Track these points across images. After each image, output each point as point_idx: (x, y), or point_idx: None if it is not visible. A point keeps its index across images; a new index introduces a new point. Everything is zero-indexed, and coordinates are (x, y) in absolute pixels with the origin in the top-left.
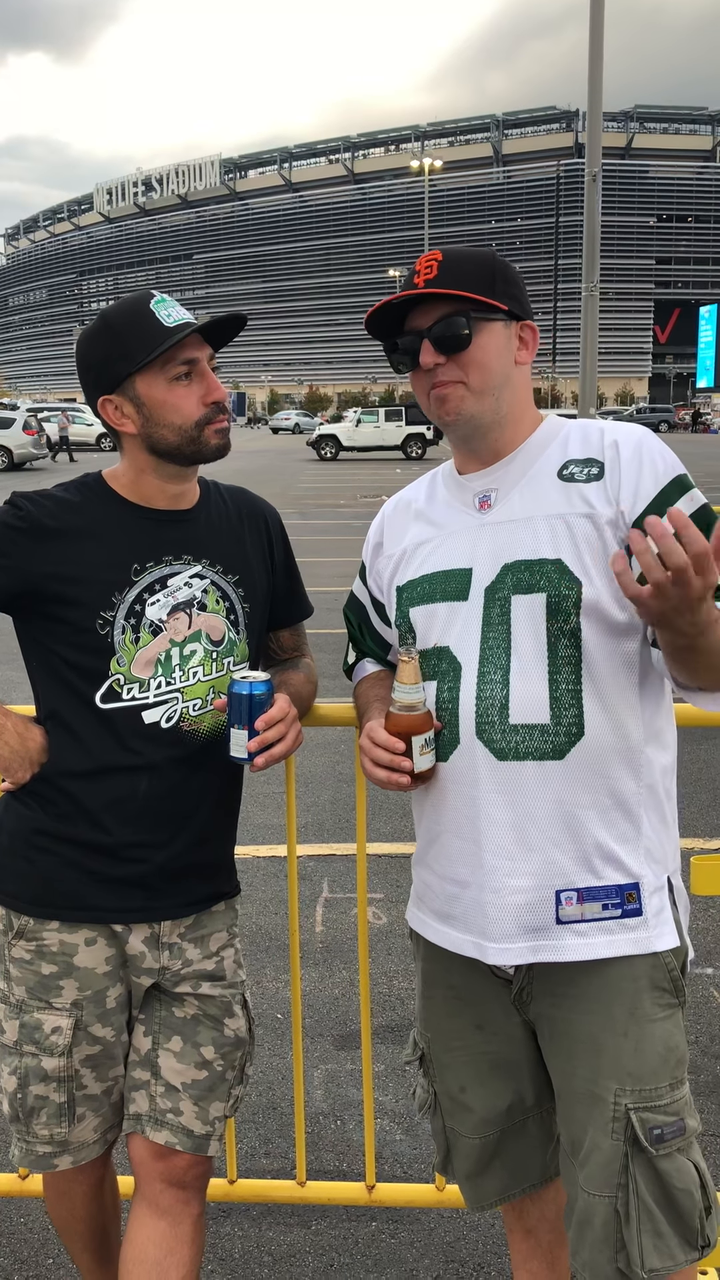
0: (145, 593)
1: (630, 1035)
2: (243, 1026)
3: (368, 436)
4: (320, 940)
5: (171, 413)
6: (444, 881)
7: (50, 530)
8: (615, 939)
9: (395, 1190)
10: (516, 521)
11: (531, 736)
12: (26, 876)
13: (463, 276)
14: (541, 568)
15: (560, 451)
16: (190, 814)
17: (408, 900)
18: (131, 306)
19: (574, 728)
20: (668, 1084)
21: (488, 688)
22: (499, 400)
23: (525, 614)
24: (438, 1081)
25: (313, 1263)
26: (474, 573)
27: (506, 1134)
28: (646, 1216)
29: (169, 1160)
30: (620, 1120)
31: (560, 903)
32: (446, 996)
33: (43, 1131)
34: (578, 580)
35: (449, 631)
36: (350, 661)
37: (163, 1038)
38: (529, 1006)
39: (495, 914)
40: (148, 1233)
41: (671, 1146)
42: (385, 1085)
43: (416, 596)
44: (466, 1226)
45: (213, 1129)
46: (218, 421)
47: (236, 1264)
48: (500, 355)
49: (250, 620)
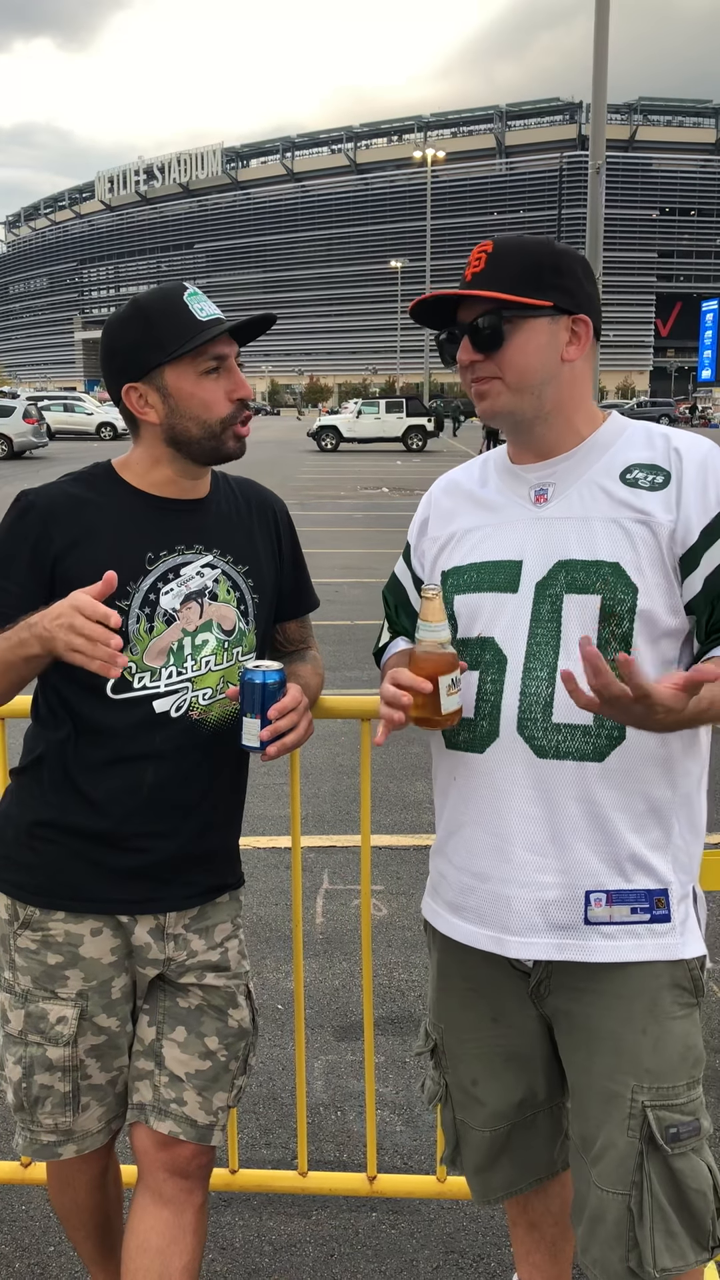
0: (159, 581)
1: (650, 1033)
2: (246, 1017)
3: (368, 428)
4: (321, 931)
5: (199, 406)
6: (461, 873)
7: (63, 524)
8: (643, 943)
9: (396, 1181)
10: (574, 519)
11: (573, 736)
12: (32, 866)
13: (507, 272)
14: (598, 570)
15: (624, 454)
16: (196, 804)
17: (408, 892)
18: (165, 296)
19: (616, 731)
20: (685, 1083)
21: (533, 684)
22: (540, 397)
23: (577, 614)
24: (449, 1073)
25: (313, 1253)
26: (524, 566)
27: (516, 1128)
28: (660, 1216)
29: (172, 1150)
30: (637, 1118)
31: (589, 903)
32: (462, 988)
33: (47, 1120)
34: (634, 586)
35: (495, 623)
36: (382, 643)
37: (167, 1028)
38: (546, 1000)
39: (521, 908)
40: (150, 1221)
41: (686, 1146)
42: (386, 1076)
43: (463, 584)
44: (467, 1218)
45: (216, 1119)
46: (241, 424)
47: (237, 1253)
48: (541, 352)
49: (259, 611)
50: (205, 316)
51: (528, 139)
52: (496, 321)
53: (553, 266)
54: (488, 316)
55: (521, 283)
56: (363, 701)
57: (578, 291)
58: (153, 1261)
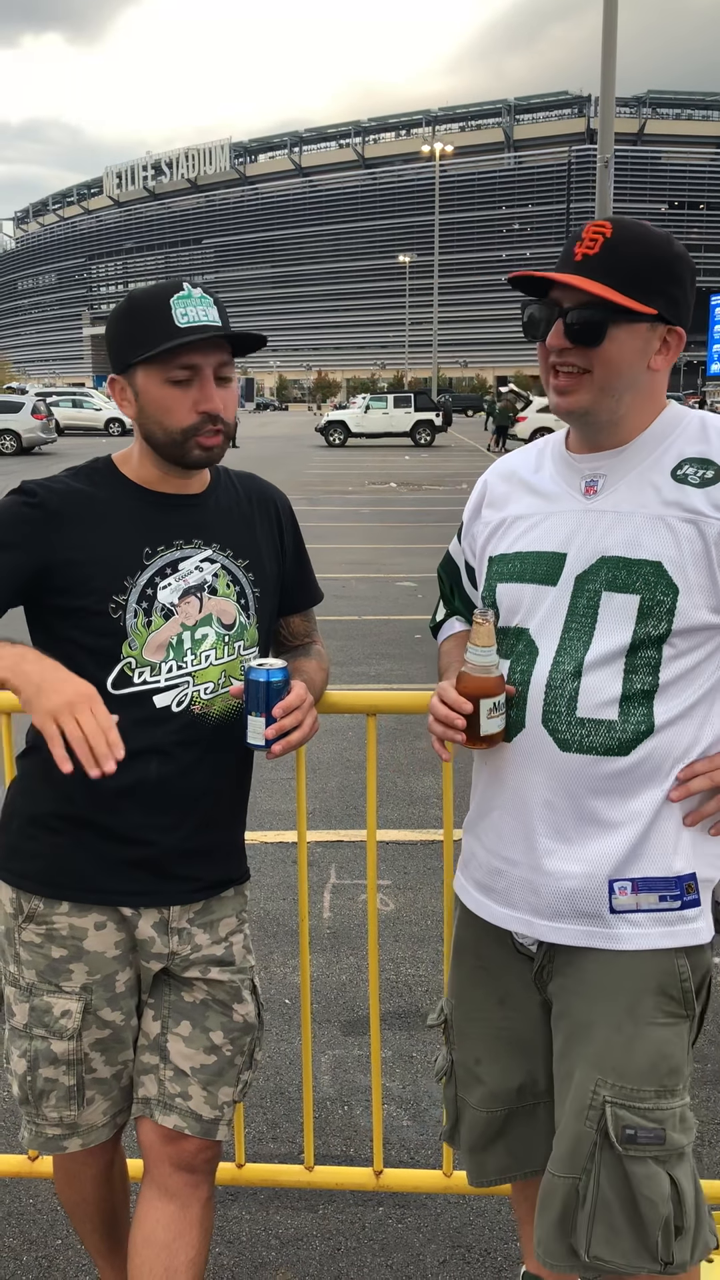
0: (157, 576)
1: (624, 1031)
2: (251, 1012)
3: (376, 423)
4: (328, 926)
5: (161, 413)
6: (490, 855)
7: (62, 516)
8: (675, 929)
9: (402, 1176)
10: (620, 514)
11: (597, 731)
12: (37, 857)
13: (622, 265)
14: (639, 568)
15: (677, 447)
16: (199, 798)
17: (415, 887)
18: (155, 295)
19: (642, 727)
20: (653, 1090)
21: (559, 677)
22: (619, 401)
23: (614, 612)
24: (456, 1050)
25: (320, 1247)
26: (567, 559)
27: (514, 1115)
28: (604, 1208)
29: (178, 1144)
30: (596, 1110)
31: (614, 892)
32: (473, 966)
33: (52, 1114)
34: (675, 587)
35: (532, 614)
36: (438, 619)
37: (172, 1022)
38: (548, 985)
39: (548, 895)
40: (156, 1215)
41: (645, 1152)
42: (393, 1071)
43: (506, 573)
44: (473, 1212)
45: (221, 1113)
46: (206, 435)
47: (244, 1247)
48: (634, 358)
49: (260, 604)
50: (186, 322)
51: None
52: (600, 319)
53: (668, 271)
54: (590, 310)
55: (634, 282)
56: (370, 696)
57: (682, 302)
58: (158, 1255)
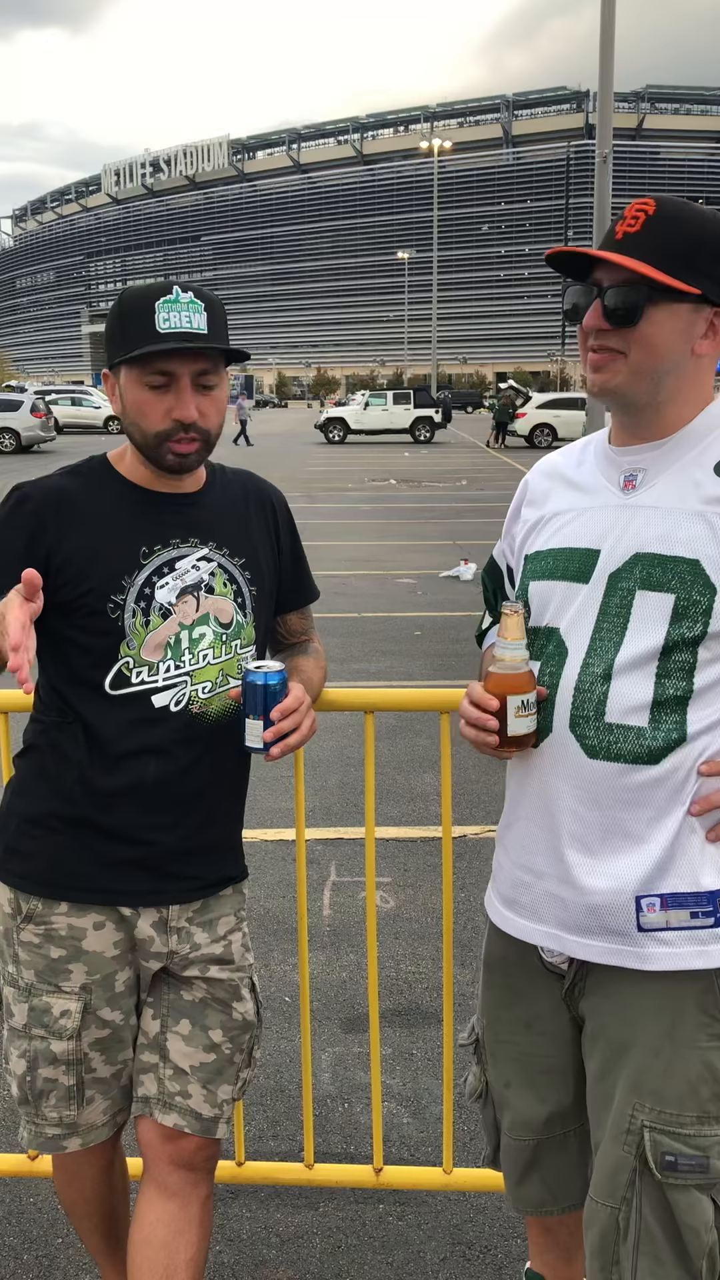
0: (154, 575)
1: (662, 1056)
2: (250, 1010)
3: (375, 419)
4: (328, 924)
5: (138, 415)
6: (516, 868)
7: (57, 516)
8: (708, 949)
9: (402, 1173)
10: (659, 510)
11: (626, 738)
12: (35, 857)
13: (663, 243)
14: (676, 566)
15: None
16: (198, 797)
17: (415, 884)
18: (142, 296)
19: (674, 734)
20: (694, 1115)
21: (588, 680)
22: (658, 385)
23: (648, 612)
24: (489, 1071)
25: (320, 1244)
26: (601, 555)
27: (544, 1145)
28: (647, 1237)
29: (177, 1143)
30: (635, 1135)
31: (641, 909)
32: (501, 986)
33: (52, 1114)
34: (713, 586)
35: (562, 613)
36: (483, 627)
37: (171, 1021)
38: (579, 1002)
39: (574, 909)
40: (156, 1214)
41: (687, 1180)
42: (393, 1069)
43: (540, 570)
44: (474, 1210)
45: (221, 1111)
46: (178, 441)
47: (244, 1245)
48: (674, 340)
49: (257, 603)
50: (167, 328)
51: (535, 128)
52: (637, 298)
53: (714, 251)
54: (628, 290)
55: (676, 260)
56: (368, 694)
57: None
58: (158, 1254)
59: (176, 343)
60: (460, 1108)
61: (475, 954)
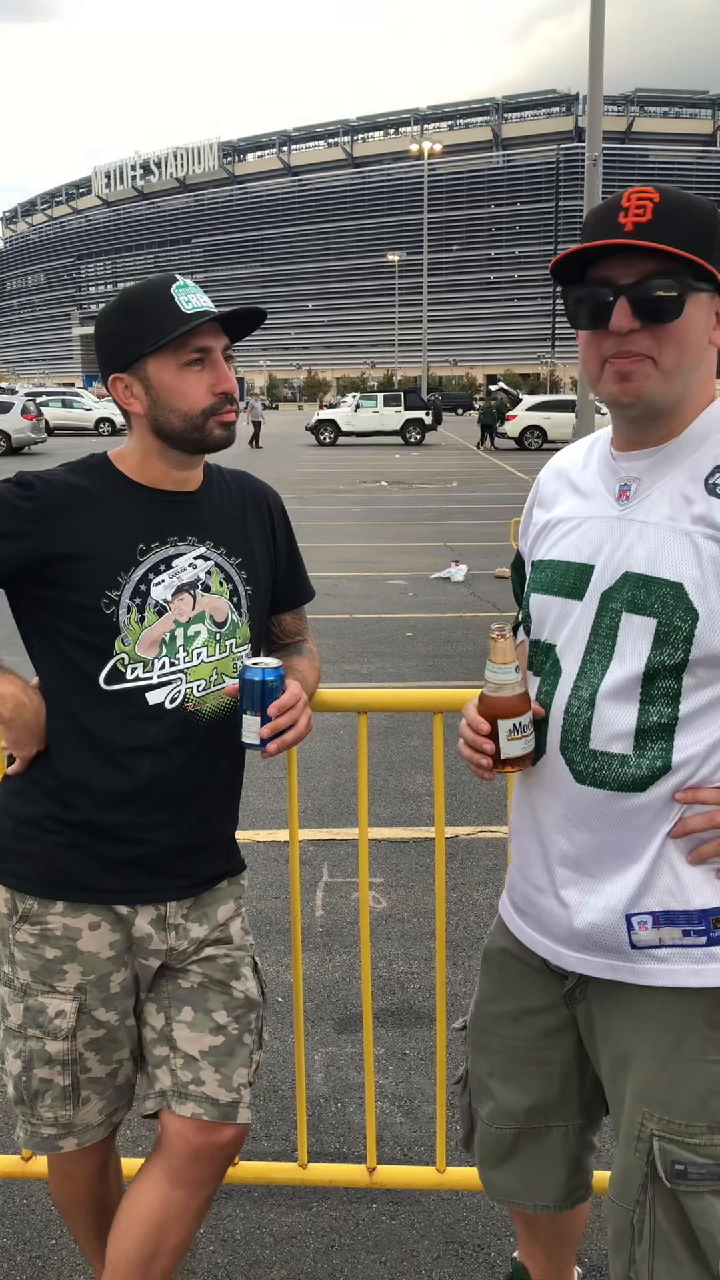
0: (150, 573)
1: (669, 1068)
2: (253, 988)
3: (366, 421)
4: (320, 924)
5: (179, 398)
6: (523, 880)
7: (57, 509)
8: (702, 969)
9: (396, 1172)
10: (649, 525)
11: (610, 765)
12: (31, 857)
13: (682, 229)
14: (659, 589)
15: (715, 451)
16: (193, 795)
17: (407, 885)
18: (152, 288)
19: (659, 761)
20: (705, 1126)
21: (576, 704)
22: (686, 385)
23: (633, 636)
24: (471, 1059)
25: (314, 1244)
26: (595, 572)
27: (524, 1135)
28: (662, 1241)
29: (201, 1133)
30: (645, 1143)
31: (633, 927)
32: (495, 979)
33: (47, 1114)
34: (695, 612)
35: (558, 630)
36: (519, 619)
37: (174, 1010)
38: (578, 1003)
39: (569, 926)
40: (158, 1198)
41: (701, 1187)
42: (386, 1068)
43: (539, 583)
44: (466, 1209)
45: (238, 1096)
46: (224, 413)
47: (238, 1244)
48: (702, 333)
49: (253, 602)
50: (191, 309)
51: (524, 131)
52: (680, 288)
53: (716, 235)
54: (668, 280)
55: (699, 246)
56: (361, 695)
57: None
58: (150, 1235)
59: (208, 318)
60: (453, 1107)
61: (468, 954)
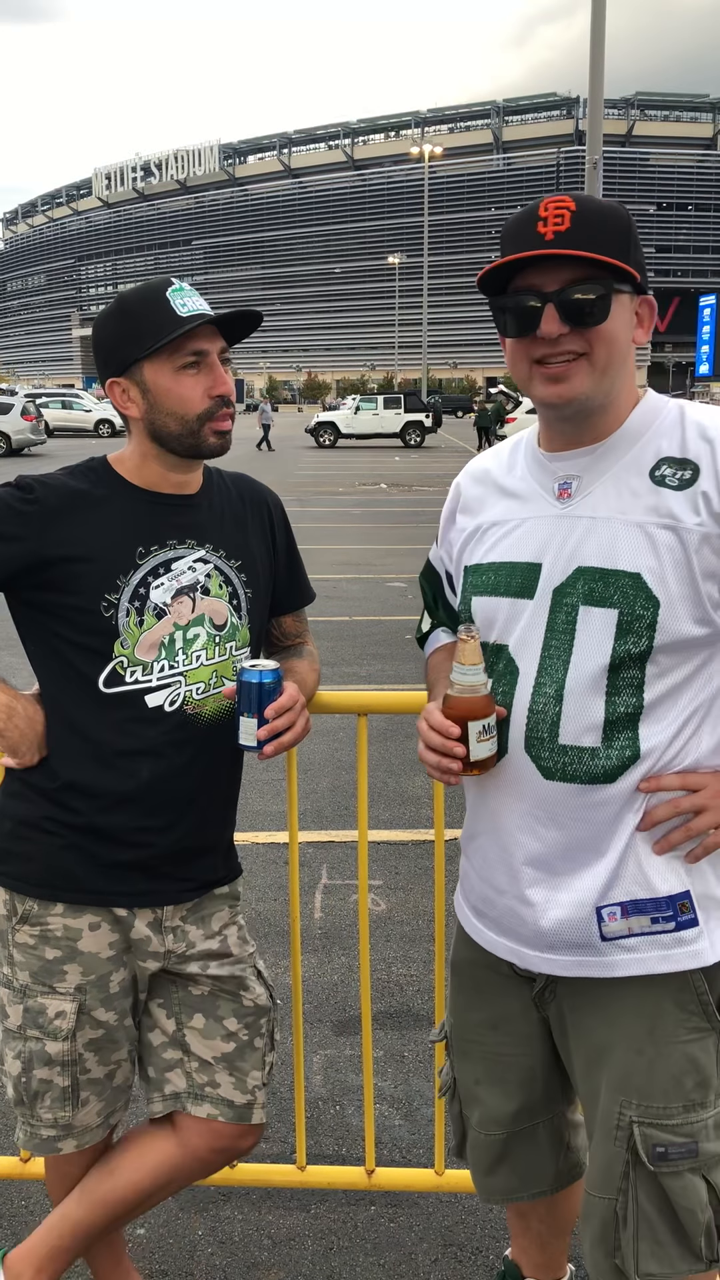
0: (150, 576)
1: (645, 1054)
2: (263, 995)
3: (366, 424)
4: (319, 927)
5: (175, 402)
6: (480, 882)
7: (56, 512)
8: (670, 953)
9: (394, 1175)
10: (597, 520)
11: (580, 759)
12: (31, 859)
13: (600, 235)
14: (617, 580)
15: (655, 444)
16: (192, 798)
17: (406, 887)
18: (148, 292)
19: (628, 751)
20: (680, 1105)
21: (541, 701)
22: (614, 382)
23: (593, 628)
24: (457, 1069)
25: (312, 1246)
26: (543, 570)
27: (514, 1137)
28: (645, 1224)
29: (217, 1135)
30: (625, 1131)
31: (603, 919)
32: (468, 988)
33: (47, 1115)
34: (655, 600)
35: (509, 630)
36: (424, 630)
37: (185, 1016)
38: (549, 1005)
39: (534, 925)
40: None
41: (679, 1166)
42: (384, 1071)
43: (481, 585)
44: (465, 1211)
45: (253, 1097)
46: (219, 419)
47: (237, 1247)
48: (626, 331)
49: (252, 605)
50: (186, 312)
51: (525, 134)
52: (605, 290)
53: (636, 239)
54: (592, 284)
55: (617, 250)
56: (360, 697)
57: (644, 269)
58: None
59: (203, 320)
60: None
61: None
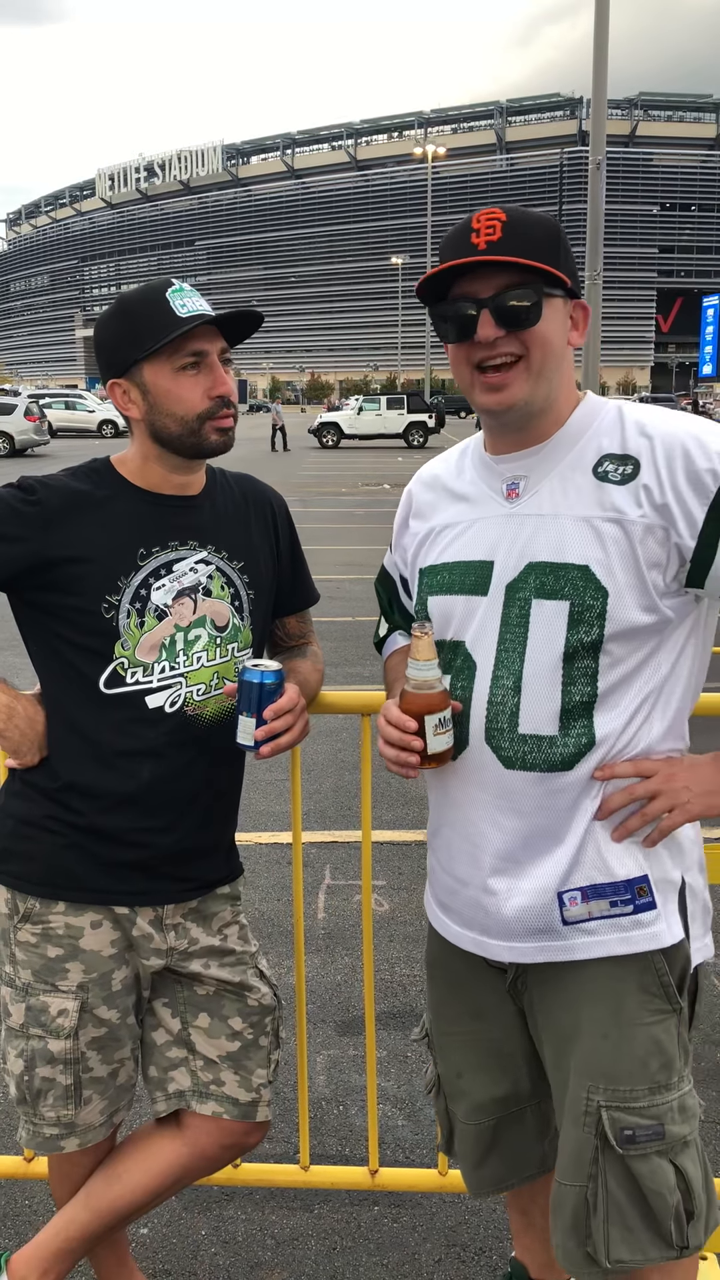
0: (151, 577)
1: (610, 1038)
2: (266, 994)
3: (369, 424)
4: (322, 927)
5: (175, 403)
6: (445, 874)
7: (58, 513)
8: (629, 935)
9: (398, 1175)
10: (544, 517)
11: (539, 747)
12: (32, 858)
13: (530, 243)
14: (567, 573)
15: (596, 442)
16: (193, 799)
17: (410, 887)
18: (147, 293)
19: (584, 739)
20: (646, 1088)
21: (500, 693)
22: (552, 384)
23: (545, 620)
24: (440, 1063)
25: (315, 1246)
26: (495, 567)
27: (503, 1123)
28: (615, 1210)
29: (222, 1132)
30: (593, 1116)
31: (564, 904)
32: (445, 981)
33: (49, 1114)
34: (604, 590)
35: (466, 626)
36: (381, 635)
37: (190, 1016)
38: (522, 996)
39: (497, 914)
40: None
41: (646, 1149)
42: (388, 1071)
43: (436, 585)
44: (468, 1211)
45: (258, 1095)
46: (220, 418)
47: (240, 1247)
48: (561, 334)
49: (255, 606)
50: (186, 312)
51: (528, 135)
52: (536, 295)
53: (565, 246)
54: (524, 290)
55: (547, 256)
56: (364, 697)
57: (576, 276)
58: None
59: (202, 320)
60: None
61: None
